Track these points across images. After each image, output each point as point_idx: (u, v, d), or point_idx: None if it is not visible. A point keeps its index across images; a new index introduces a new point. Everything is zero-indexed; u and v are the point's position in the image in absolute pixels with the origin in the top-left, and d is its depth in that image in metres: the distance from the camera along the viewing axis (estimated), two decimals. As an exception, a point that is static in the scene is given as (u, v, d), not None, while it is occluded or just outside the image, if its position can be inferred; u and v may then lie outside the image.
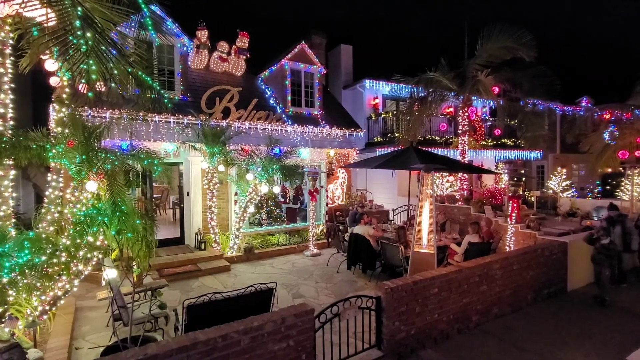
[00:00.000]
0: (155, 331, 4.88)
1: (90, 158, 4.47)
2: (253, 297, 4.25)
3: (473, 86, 10.71)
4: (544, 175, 18.34)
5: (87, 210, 4.52)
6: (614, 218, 6.83)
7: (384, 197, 13.47)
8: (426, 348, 4.71)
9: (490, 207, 9.81)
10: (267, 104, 10.72)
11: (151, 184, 9.38)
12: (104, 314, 5.69)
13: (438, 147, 12.73)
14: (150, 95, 5.32)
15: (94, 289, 6.60)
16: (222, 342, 3.19)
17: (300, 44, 11.19)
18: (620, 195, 14.13)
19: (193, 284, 7.40)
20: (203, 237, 9.07)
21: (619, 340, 4.88)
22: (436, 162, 7.13)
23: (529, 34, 9.51)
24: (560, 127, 18.24)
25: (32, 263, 3.94)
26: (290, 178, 8.94)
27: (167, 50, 9.24)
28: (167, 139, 8.59)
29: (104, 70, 3.00)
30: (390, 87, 14.09)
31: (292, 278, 7.70)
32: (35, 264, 3.97)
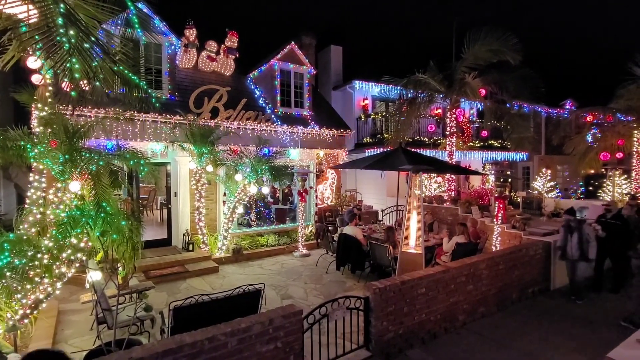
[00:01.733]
0: (141, 334, 4.80)
1: (73, 158, 4.38)
2: (241, 298, 4.22)
3: (460, 88, 10.85)
4: (529, 176, 18.71)
5: (71, 211, 4.43)
6: (571, 224, 6.36)
7: (373, 198, 13.55)
8: (414, 348, 4.75)
9: (477, 207, 9.95)
10: (256, 104, 10.67)
11: (138, 184, 9.24)
12: (88, 317, 5.57)
13: (426, 148, 12.86)
14: (137, 95, 5.24)
15: (78, 292, 6.46)
16: (208, 345, 3.15)
17: (289, 44, 11.18)
18: (602, 196, 14.52)
19: (180, 285, 7.30)
20: (191, 238, 8.96)
21: (601, 337, 5.00)
22: (424, 163, 7.20)
23: (514, 37, 9.66)
24: (545, 129, 18.63)
25: (13, 265, 3.84)
26: (279, 179, 8.91)
27: (155, 49, 9.12)
28: (154, 138, 8.48)
29: (88, 69, 2.94)
30: (379, 88, 14.17)
31: (281, 279, 7.68)
32: (15, 267, 3.87)
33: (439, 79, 10.96)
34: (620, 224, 6.68)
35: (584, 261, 6.21)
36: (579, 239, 6.20)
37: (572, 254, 6.26)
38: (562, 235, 6.41)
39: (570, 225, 6.33)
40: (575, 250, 6.23)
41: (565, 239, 6.34)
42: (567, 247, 6.33)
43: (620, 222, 6.73)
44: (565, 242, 6.34)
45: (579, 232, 6.21)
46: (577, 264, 6.27)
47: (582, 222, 6.35)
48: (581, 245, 6.17)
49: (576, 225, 6.29)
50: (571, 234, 6.27)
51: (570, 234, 6.29)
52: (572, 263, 6.31)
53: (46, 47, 2.87)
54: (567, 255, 6.34)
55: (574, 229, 6.26)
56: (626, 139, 11.50)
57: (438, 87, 11.05)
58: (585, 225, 6.31)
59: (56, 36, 2.75)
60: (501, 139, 15.09)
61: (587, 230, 6.26)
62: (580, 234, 6.21)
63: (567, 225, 6.36)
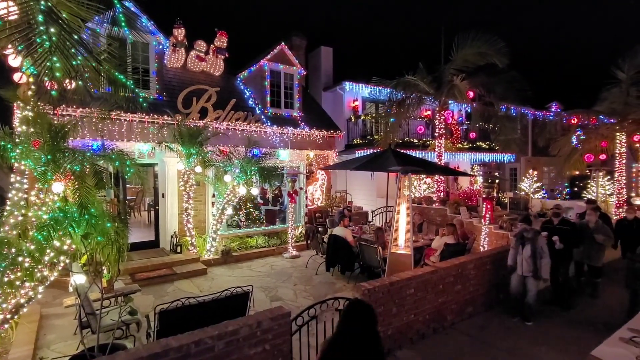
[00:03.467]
0: (127, 338, 4.70)
1: (56, 158, 4.27)
2: (229, 301, 4.18)
3: (449, 90, 10.97)
4: (516, 177, 19.01)
5: (53, 213, 4.32)
6: (525, 235, 5.56)
7: (363, 199, 13.59)
8: (403, 348, 4.77)
9: (465, 208, 10.07)
10: (246, 104, 10.60)
11: (124, 185, 9.08)
12: (71, 321, 5.44)
13: (416, 149, 12.96)
14: (124, 94, 5.15)
15: (61, 296, 6.31)
16: (195, 348, 3.10)
17: (280, 45, 11.14)
18: (587, 197, 14.84)
19: (168, 288, 7.20)
20: (179, 240, 8.85)
21: (585, 337, 5.09)
22: (413, 164, 7.25)
23: (501, 41, 9.83)
24: (532, 131, 18.96)
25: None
26: (269, 180, 8.87)
27: (142, 48, 8.98)
28: (141, 139, 8.35)
29: (70, 68, 2.87)
30: (369, 89, 14.23)
31: (271, 280, 7.63)
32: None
33: (428, 81, 11.07)
34: (569, 229, 6.12)
35: (534, 278, 5.46)
36: (532, 252, 5.42)
37: (522, 268, 5.53)
38: (514, 246, 5.70)
39: (523, 235, 5.58)
40: (526, 265, 5.47)
41: (516, 251, 5.63)
42: (517, 260, 5.61)
43: (569, 227, 6.19)
44: (516, 254, 5.63)
45: (533, 245, 5.44)
46: (527, 281, 5.55)
47: (537, 233, 5.59)
48: (534, 259, 5.41)
49: (531, 236, 5.51)
50: (523, 246, 5.52)
51: (522, 246, 5.53)
52: (521, 279, 5.60)
53: (26, 44, 2.80)
54: (516, 269, 5.64)
55: (527, 241, 5.50)
56: (609, 141, 11.77)
57: (427, 89, 11.16)
58: (541, 238, 5.53)
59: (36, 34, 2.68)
60: (489, 141, 15.31)
61: (542, 243, 5.47)
62: (534, 247, 5.43)
63: (521, 236, 5.60)
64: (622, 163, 11.71)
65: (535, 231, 5.58)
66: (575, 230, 6.19)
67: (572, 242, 6.11)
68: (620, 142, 11.64)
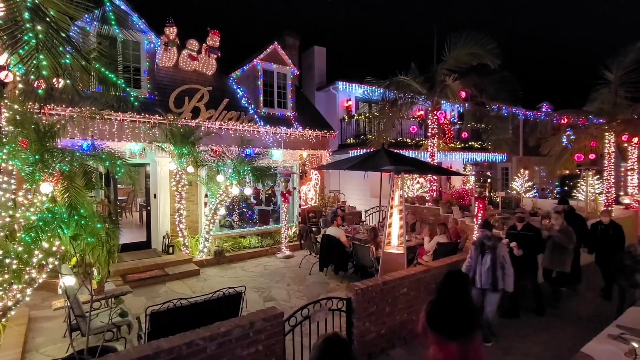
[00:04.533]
0: (118, 340, 4.64)
1: (44, 159, 4.20)
2: (221, 302, 4.15)
3: (441, 90, 11.03)
4: (508, 177, 19.20)
5: (42, 214, 4.25)
6: (486, 242, 4.89)
7: (357, 199, 13.61)
8: (396, 347, 4.78)
9: (458, 207, 10.14)
10: (238, 104, 10.54)
11: (115, 185, 8.97)
12: (60, 324, 5.36)
13: (409, 149, 13.01)
14: (115, 93, 5.10)
15: (50, 298, 6.21)
16: (186, 350, 3.07)
17: (272, 45, 11.11)
18: (577, 196, 15.05)
19: (160, 289, 7.13)
20: (171, 241, 8.77)
21: (574, 334, 5.16)
22: (406, 164, 7.27)
23: (493, 41, 9.90)
24: (523, 130, 19.16)
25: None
26: (262, 179, 8.83)
27: (133, 47, 8.88)
28: (132, 138, 8.26)
29: (57, 66, 2.82)
30: (362, 89, 14.26)
31: (264, 281, 7.60)
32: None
33: (420, 81, 11.12)
34: (533, 235, 5.81)
35: (495, 292, 4.79)
36: (492, 262, 4.73)
37: (481, 281, 4.80)
38: (472, 255, 4.99)
39: (484, 243, 4.90)
40: (485, 277, 4.75)
41: (476, 262, 4.90)
42: (476, 271, 4.88)
43: (532, 232, 5.87)
44: (475, 264, 4.92)
45: (493, 254, 4.76)
46: (486, 295, 4.84)
47: (499, 240, 5.01)
48: (494, 270, 4.73)
49: (492, 243, 4.84)
50: (483, 255, 4.83)
51: (482, 255, 4.84)
52: (480, 293, 4.85)
53: (12, 42, 2.74)
54: (475, 282, 4.88)
55: (488, 249, 4.82)
56: (598, 141, 11.94)
57: (420, 89, 11.20)
58: (502, 245, 4.92)
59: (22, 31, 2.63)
60: (481, 141, 15.44)
61: (503, 252, 4.82)
62: (494, 256, 4.74)
63: (481, 244, 4.93)
64: (610, 162, 11.89)
65: (496, 238, 5.01)
66: (538, 236, 5.90)
67: (535, 249, 5.79)
68: (609, 142, 11.81)
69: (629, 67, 10.88)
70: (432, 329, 2.69)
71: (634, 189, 12.82)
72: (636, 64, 10.76)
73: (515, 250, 5.53)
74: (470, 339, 2.63)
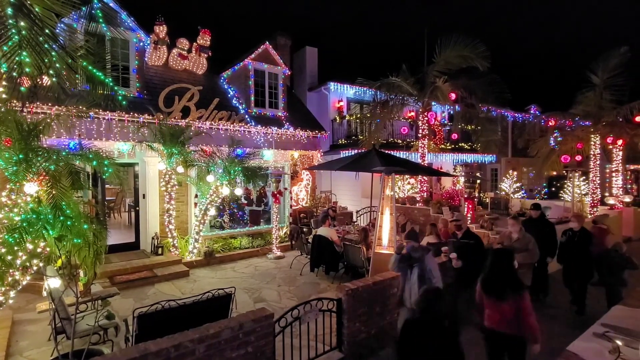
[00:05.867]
0: (104, 343, 4.56)
1: (29, 158, 4.10)
2: (211, 303, 4.11)
3: (432, 92, 11.13)
4: (497, 178, 19.45)
5: (26, 214, 4.15)
6: (413, 255, 4.14)
7: (348, 199, 13.63)
8: (386, 347, 4.79)
9: (448, 208, 10.22)
10: (229, 104, 10.47)
11: (103, 186, 8.83)
12: (45, 327, 5.24)
13: (400, 150, 13.08)
14: (102, 92, 5.01)
15: (35, 300, 6.07)
16: (175, 353, 3.04)
17: (264, 44, 11.06)
18: (564, 197, 15.32)
19: (148, 291, 7.03)
20: (160, 242, 8.66)
21: (559, 331, 5.24)
22: (397, 164, 7.31)
23: (483, 44, 10.03)
24: (512, 132, 19.44)
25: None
26: (253, 180, 8.78)
27: (122, 45, 8.75)
28: (121, 138, 8.13)
29: (41, 64, 2.75)
30: (354, 90, 14.29)
31: (254, 282, 7.56)
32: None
33: (411, 82, 11.20)
34: (474, 243, 5.28)
35: None
36: (419, 277, 4.01)
37: (410, 299, 4.01)
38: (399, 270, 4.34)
39: (411, 256, 4.15)
40: (413, 295, 3.94)
41: (404, 278, 4.20)
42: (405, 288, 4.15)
43: (474, 241, 5.34)
44: (405, 282, 4.20)
45: (420, 267, 4.05)
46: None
47: (426, 250, 4.27)
48: (421, 283, 3.98)
49: (419, 255, 4.11)
50: (411, 270, 4.10)
51: (410, 270, 4.11)
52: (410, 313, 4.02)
53: (-6, 38, 2.67)
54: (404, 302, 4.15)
55: (415, 262, 4.09)
56: (584, 143, 12.18)
57: (410, 90, 11.28)
58: (429, 258, 4.14)
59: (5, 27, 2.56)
60: (471, 142, 15.61)
61: (430, 265, 4.09)
62: (422, 270, 4.04)
63: (408, 257, 4.19)
64: (596, 164, 12.13)
65: (423, 249, 4.27)
66: (479, 244, 5.32)
67: (476, 260, 4.85)
68: (595, 144, 12.06)
69: (613, 70, 11.13)
70: (486, 293, 3.48)
71: (619, 190, 13.13)
72: (620, 68, 11.01)
73: (454, 262, 5.06)
74: (517, 297, 3.29)
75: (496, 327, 3.42)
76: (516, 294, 3.32)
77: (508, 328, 3.33)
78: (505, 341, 3.41)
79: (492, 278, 3.49)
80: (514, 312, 3.29)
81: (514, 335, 3.33)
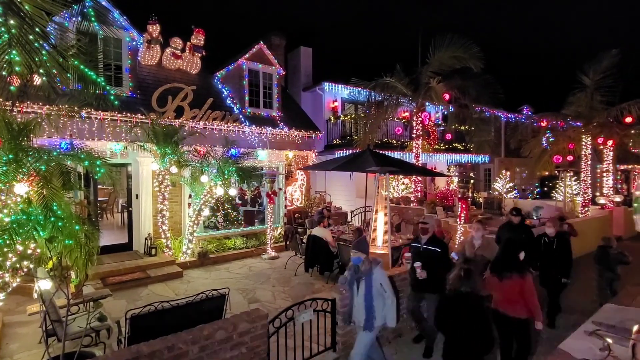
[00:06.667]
0: (97, 345, 4.51)
1: (19, 158, 4.04)
2: (204, 304, 4.08)
3: (426, 92, 11.19)
4: (490, 178, 19.59)
5: (16, 215, 4.09)
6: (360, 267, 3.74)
7: (343, 199, 13.65)
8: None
9: (442, 208, 10.30)
10: (223, 104, 10.42)
11: (95, 186, 8.74)
12: (36, 329, 5.16)
13: (394, 150, 13.13)
14: (94, 91, 4.97)
15: (25, 303, 5.99)
16: (168, 354, 3.01)
17: (258, 44, 11.03)
18: (556, 196, 15.50)
19: (141, 292, 6.97)
20: (154, 243, 8.59)
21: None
22: (391, 164, 7.34)
23: (476, 45, 10.11)
24: (505, 133, 19.59)
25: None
26: (247, 180, 8.74)
27: (115, 44, 8.67)
28: (113, 138, 8.06)
29: (31, 62, 2.72)
30: (349, 90, 14.31)
31: (249, 282, 7.53)
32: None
33: (405, 83, 11.25)
34: (440, 252, 4.54)
35: (368, 330, 3.70)
36: (366, 292, 3.63)
37: (358, 317, 3.73)
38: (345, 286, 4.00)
39: (358, 268, 3.76)
40: (361, 313, 3.65)
41: (352, 292, 3.84)
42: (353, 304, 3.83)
43: (439, 248, 4.58)
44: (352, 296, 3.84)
45: (368, 281, 3.65)
46: (360, 335, 3.81)
47: (376, 263, 3.77)
48: (369, 303, 3.62)
49: (366, 268, 3.69)
50: (358, 284, 3.74)
51: (357, 284, 3.74)
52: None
53: (-18, 36, 2.63)
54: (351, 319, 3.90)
55: (362, 276, 3.71)
56: (576, 143, 12.33)
57: (405, 90, 11.33)
58: (378, 270, 3.70)
59: (-5, 25, 2.53)
60: (464, 142, 15.71)
61: (380, 279, 3.67)
62: (369, 285, 3.63)
63: (355, 269, 3.79)
64: (587, 164, 12.29)
65: (371, 261, 3.77)
66: (445, 252, 4.63)
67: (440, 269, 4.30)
68: (586, 144, 12.21)
69: (604, 72, 11.28)
70: (493, 271, 3.90)
71: (609, 190, 13.31)
72: (610, 70, 11.16)
73: (418, 272, 4.37)
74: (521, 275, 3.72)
75: (501, 308, 3.81)
76: (519, 271, 3.75)
77: (512, 311, 3.72)
78: (511, 322, 3.76)
79: (502, 259, 3.93)
80: (517, 292, 3.67)
81: (517, 317, 3.72)
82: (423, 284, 4.49)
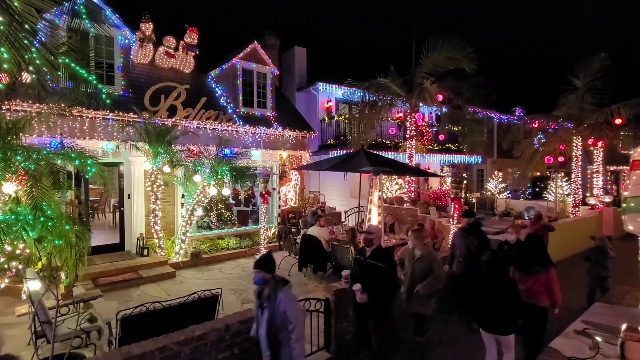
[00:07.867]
0: (87, 347, 4.45)
1: (7, 156, 3.98)
2: (197, 304, 4.05)
3: (420, 93, 11.23)
4: (483, 178, 19.76)
5: (4, 215, 4.03)
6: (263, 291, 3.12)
7: (337, 199, 13.65)
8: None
9: (435, 208, 10.35)
10: (217, 103, 10.37)
11: (86, 185, 8.63)
12: (25, 331, 5.08)
13: (388, 150, 13.16)
14: (86, 89, 4.90)
15: (14, 304, 5.90)
16: (159, 355, 2.98)
17: (252, 44, 10.99)
18: (547, 197, 15.68)
19: (133, 293, 6.90)
20: (146, 243, 8.51)
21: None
22: (385, 165, 7.36)
23: (470, 47, 10.18)
24: (497, 134, 19.78)
25: None
26: (241, 180, 8.72)
27: (107, 42, 8.58)
28: (105, 137, 7.97)
29: (21, 60, 2.67)
30: (343, 90, 14.33)
31: (242, 283, 7.50)
32: None
33: (399, 84, 11.28)
34: (384, 268, 3.83)
35: None
36: (269, 322, 2.99)
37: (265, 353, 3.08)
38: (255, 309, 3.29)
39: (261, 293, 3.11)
40: (265, 346, 3.04)
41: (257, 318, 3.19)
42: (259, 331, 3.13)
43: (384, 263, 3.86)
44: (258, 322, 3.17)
45: (271, 308, 2.99)
46: None
47: (282, 284, 3.08)
48: (272, 335, 3.00)
49: (269, 293, 3.02)
50: (262, 310, 3.08)
51: (262, 309, 3.09)
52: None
53: (-30, 33, 2.58)
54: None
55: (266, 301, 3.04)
56: (567, 144, 12.49)
57: (398, 91, 11.37)
58: (285, 294, 3.01)
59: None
60: (457, 143, 15.82)
61: (285, 305, 2.96)
62: (272, 312, 2.98)
63: (258, 294, 3.17)
64: (578, 165, 12.45)
65: (276, 282, 3.09)
66: (391, 270, 3.95)
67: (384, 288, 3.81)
68: (577, 146, 12.37)
69: (594, 75, 11.43)
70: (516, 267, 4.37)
71: (599, 191, 13.50)
72: (600, 73, 11.32)
73: (358, 296, 3.78)
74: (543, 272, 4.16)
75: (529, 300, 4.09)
76: (540, 268, 4.19)
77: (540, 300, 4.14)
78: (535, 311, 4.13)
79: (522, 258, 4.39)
80: (543, 284, 4.14)
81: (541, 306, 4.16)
82: (365, 307, 3.85)
